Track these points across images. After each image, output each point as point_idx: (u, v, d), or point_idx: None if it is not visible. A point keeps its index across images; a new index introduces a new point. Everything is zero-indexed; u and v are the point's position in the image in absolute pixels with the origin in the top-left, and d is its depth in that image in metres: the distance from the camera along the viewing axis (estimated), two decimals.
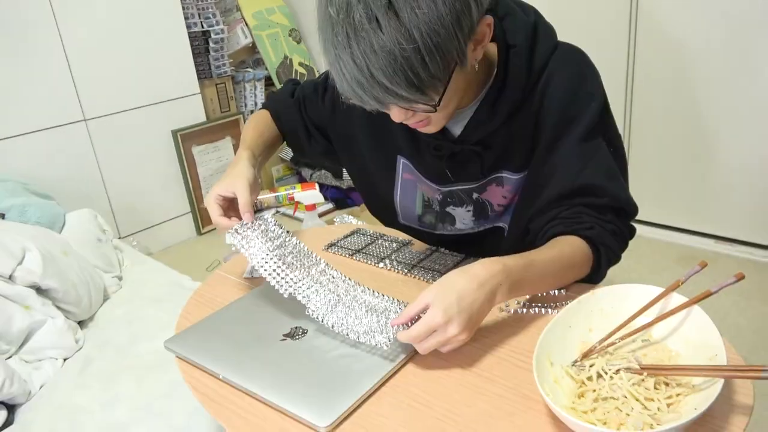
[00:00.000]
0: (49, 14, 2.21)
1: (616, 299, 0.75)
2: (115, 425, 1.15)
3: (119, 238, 2.51)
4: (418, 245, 1.07)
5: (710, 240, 2.29)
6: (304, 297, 0.81)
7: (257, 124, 1.10)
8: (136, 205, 2.61)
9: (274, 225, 0.90)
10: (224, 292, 0.97)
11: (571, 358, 0.70)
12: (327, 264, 0.88)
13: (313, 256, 0.89)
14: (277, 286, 0.81)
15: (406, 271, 0.98)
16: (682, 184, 2.31)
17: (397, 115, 0.78)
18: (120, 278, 1.79)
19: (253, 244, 0.85)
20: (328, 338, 0.79)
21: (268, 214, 0.92)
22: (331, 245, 1.09)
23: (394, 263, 1.00)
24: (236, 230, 0.87)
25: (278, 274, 0.83)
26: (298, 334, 0.81)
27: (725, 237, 2.27)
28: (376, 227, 1.15)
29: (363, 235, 1.12)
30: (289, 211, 2.93)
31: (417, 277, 0.96)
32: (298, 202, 2.76)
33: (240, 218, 0.90)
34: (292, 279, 0.83)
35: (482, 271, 0.73)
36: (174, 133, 2.68)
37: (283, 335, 0.81)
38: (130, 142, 2.54)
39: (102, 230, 1.91)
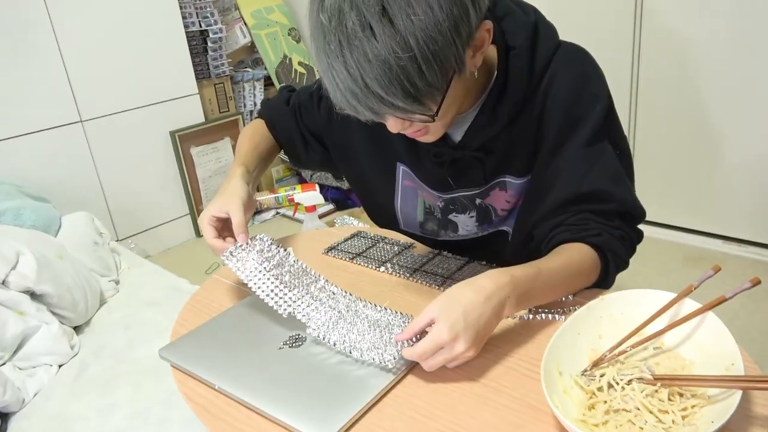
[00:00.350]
0: (43, 13, 2.19)
1: (626, 305, 0.73)
2: None
3: (117, 240, 2.49)
4: (420, 248, 1.05)
5: (718, 240, 2.26)
6: (304, 316, 0.79)
7: (253, 135, 1.09)
8: (134, 207, 2.59)
9: (270, 244, 0.89)
10: (221, 297, 0.95)
11: (581, 366, 0.68)
12: (326, 280, 0.87)
13: (312, 272, 0.87)
14: (275, 307, 0.80)
15: (407, 275, 0.95)
16: (688, 184, 2.29)
17: (393, 125, 0.75)
18: (117, 282, 1.76)
19: (249, 266, 0.84)
20: (328, 346, 0.77)
21: (263, 236, 0.90)
22: (330, 248, 1.07)
23: (396, 267, 0.98)
24: (231, 253, 0.86)
25: (276, 294, 0.81)
26: (297, 342, 0.79)
27: (733, 237, 2.24)
28: (377, 230, 1.13)
29: (364, 237, 1.10)
30: (289, 213, 2.92)
31: (419, 281, 0.94)
32: (298, 204, 2.78)
33: (235, 238, 0.89)
34: (290, 298, 0.81)
35: (489, 283, 0.71)
36: (172, 134, 2.66)
37: (282, 343, 0.79)
38: (127, 143, 2.52)
39: (99, 233, 1.89)
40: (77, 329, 1.50)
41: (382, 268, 0.98)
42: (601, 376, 0.65)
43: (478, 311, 0.68)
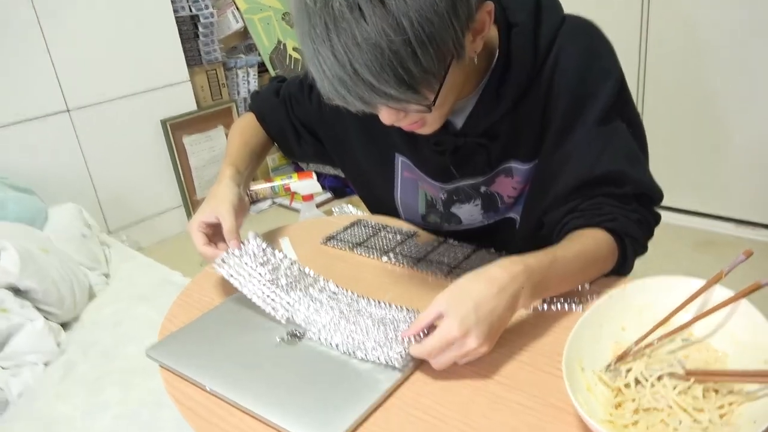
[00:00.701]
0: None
1: (650, 293, 0.68)
2: None
3: (108, 233, 2.44)
4: (424, 237, 1.01)
5: (729, 224, 2.22)
6: (303, 320, 0.76)
7: (243, 130, 1.05)
8: (125, 198, 2.55)
9: (264, 247, 0.86)
10: (213, 291, 0.90)
11: (604, 361, 0.63)
12: (326, 280, 0.83)
13: (311, 274, 0.84)
14: (273, 313, 0.77)
15: (411, 264, 0.91)
16: (697, 165, 2.25)
17: (386, 116, 0.71)
18: (107, 275, 1.74)
19: (243, 273, 0.81)
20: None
21: (255, 238, 0.87)
22: (330, 238, 1.03)
23: (399, 256, 0.94)
24: (223, 260, 0.83)
25: (273, 300, 0.78)
26: (295, 338, 0.74)
27: (746, 221, 2.20)
28: (379, 217, 1.09)
29: (364, 226, 1.06)
30: (286, 202, 2.87)
31: (424, 271, 0.89)
32: (294, 192, 2.74)
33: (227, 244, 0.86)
34: (288, 302, 0.78)
35: (502, 273, 0.66)
36: (163, 122, 2.61)
37: (278, 339, 0.74)
38: (117, 132, 2.47)
39: (87, 225, 1.85)
40: (65, 326, 1.46)
41: (385, 258, 0.94)
42: (628, 371, 0.60)
43: (490, 304, 0.64)
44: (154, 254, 2.08)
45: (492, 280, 0.66)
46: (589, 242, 0.77)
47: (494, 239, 0.96)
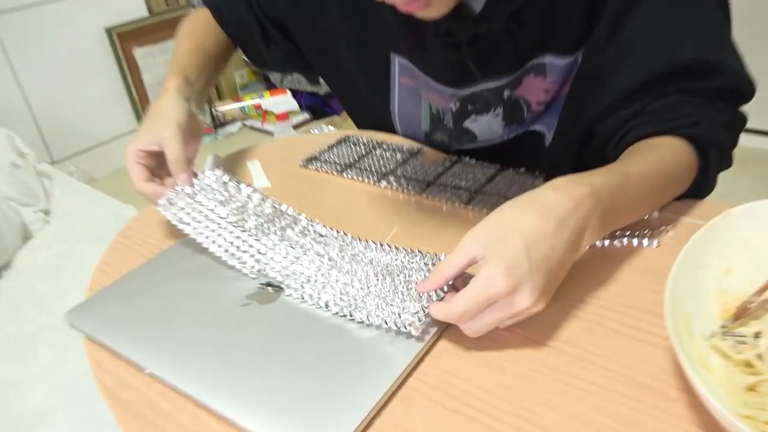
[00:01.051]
0: None
1: (760, 222, 0.52)
2: (26, 417, 0.97)
3: (52, 163, 2.31)
4: (432, 154, 0.86)
5: (765, 138, 2.10)
6: (279, 272, 0.62)
7: (193, 31, 0.91)
8: (71, 122, 2.38)
9: (226, 180, 0.73)
10: (162, 231, 0.74)
11: (710, 320, 0.47)
12: (310, 220, 0.69)
13: (289, 212, 0.71)
14: (238, 266, 0.63)
15: (419, 190, 0.78)
16: None
17: None
18: (46, 212, 1.59)
19: (197, 215, 0.68)
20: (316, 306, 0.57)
21: (214, 169, 0.74)
22: (311, 159, 0.88)
23: (401, 180, 0.80)
24: (169, 200, 0.69)
25: (237, 248, 0.65)
26: (269, 295, 0.58)
27: None
28: (372, 133, 0.94)
29: (354, 143, 0.92)
30: (257, 123, 2.76)
31: (436, 198, 0.76)
32: (266, 111, 2.54)
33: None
34: (258, 250, 0.65)
35: (561, 199, 0.52)
36: (108, 31, 2.42)
37: (247, 297, 0.58)
38: (53, 43, 2.28)
39: (19, 154, 1.68)
40: None
41: (383, 183, 0.81)
42: (756, 335, 0.44)
43: (547, 244, 0.50)
44: (107, 187, 1.96)
45: (548, 210, 0.51)
46: (665, 154, 0.63)
47: (518, 159, 0.83)
